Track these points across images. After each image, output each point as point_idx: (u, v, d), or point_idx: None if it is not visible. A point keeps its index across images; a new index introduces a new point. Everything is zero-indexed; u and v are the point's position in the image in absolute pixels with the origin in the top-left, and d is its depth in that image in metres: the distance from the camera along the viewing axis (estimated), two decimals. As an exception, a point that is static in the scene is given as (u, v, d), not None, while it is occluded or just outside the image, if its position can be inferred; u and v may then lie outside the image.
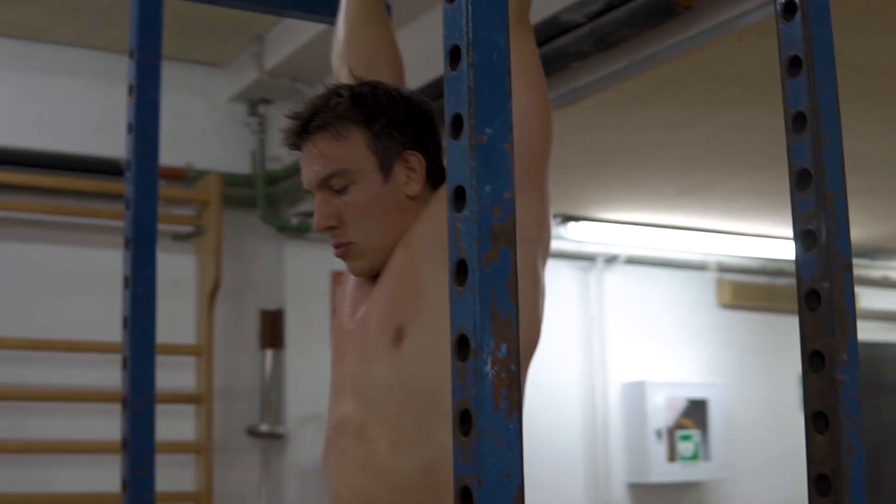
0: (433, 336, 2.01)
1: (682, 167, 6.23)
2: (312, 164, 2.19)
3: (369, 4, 2.60)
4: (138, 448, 2.51)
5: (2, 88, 6.28)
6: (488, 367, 1.22)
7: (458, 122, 1.29)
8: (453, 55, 1.31)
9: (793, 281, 6.99)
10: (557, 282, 7.99)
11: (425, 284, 2.07)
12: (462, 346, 1.25)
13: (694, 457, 8.06)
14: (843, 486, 1.74)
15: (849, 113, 4.86)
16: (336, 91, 2.23)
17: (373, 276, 2.21)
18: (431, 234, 2.07)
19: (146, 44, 2.65)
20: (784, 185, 1.82)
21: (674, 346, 8.45)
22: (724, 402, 8.14)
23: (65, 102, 6.42)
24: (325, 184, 2.17)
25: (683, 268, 8.56)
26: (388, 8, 2.73)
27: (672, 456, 7.99)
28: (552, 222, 2.12)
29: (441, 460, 1.99)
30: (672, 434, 8.01)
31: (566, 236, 7.75)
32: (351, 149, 2.16)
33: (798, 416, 8.38)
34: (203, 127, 6.75)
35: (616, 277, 8.28)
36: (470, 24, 1.30)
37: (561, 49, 4.40)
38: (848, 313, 1.78)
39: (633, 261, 8.31)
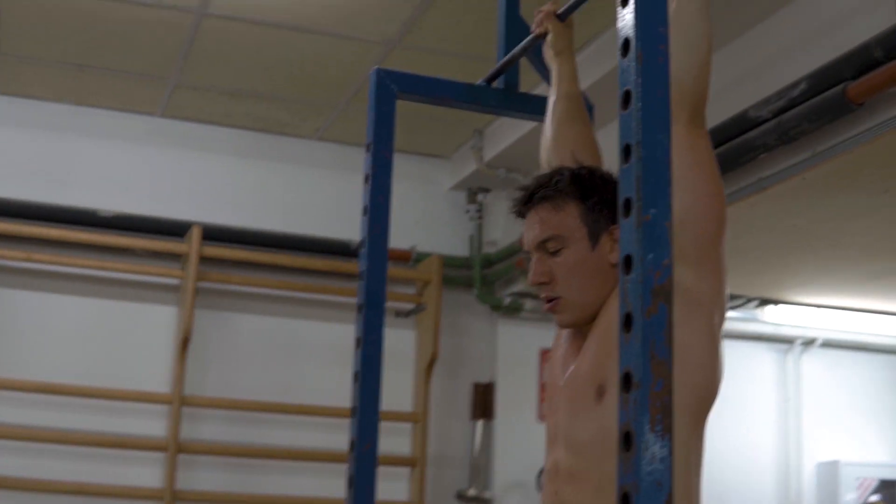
0: None
1: (868, 252, 6.22)
2: (533, 228, 2.47)
3: (573, 106, 2.87)
4: (362, 486, 2.68)
5: (246, 175, 6.74)
6: (646, 398, 1.44)
7: (628, 205, 1.52)
8: (625, 151, 1.54)
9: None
10: (755, 363, 8.08)
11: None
12: (626, 381, 1.46)
13: (887, 534, 7.94)
14: None
15: None
16: (559, 170, 2.51)
17: (579, 338, 2.47)
18: None
19: (381, 139, 2.90)
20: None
21: (868, 428, 8.38)
22: None
23: (303, 190, 6.85)
24: (541, 246, 2.45)
25: (879, 352, 8.50)
26: (590, 109, 2.98)
27: (865, 533, 7.89)
28: (728, 292, 2.38)
29: None
30: (865, 511, 7.92)
31: (764, 319, 7.85)
32: (566, 218, 2.43)
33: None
34: (427, 213, 7.07)
35: (813, 360, 8.28)
36: (640, 127, 1.53)
37: (749, 142, 4.62)
38: None
39: (829, 344, 8.29)
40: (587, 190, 2.45)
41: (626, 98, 1.55)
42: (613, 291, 2.41)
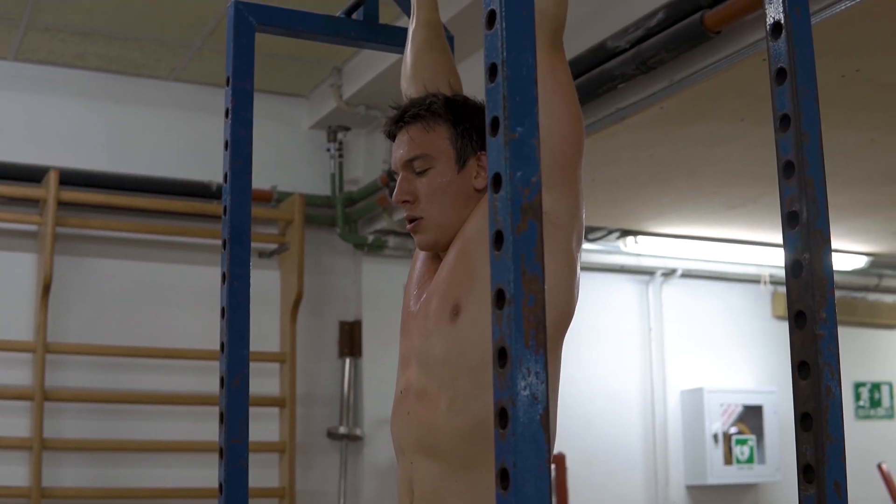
0: (485, 311, 2.25)
1: (727, 181, 6.34)
2: (402, 146, 2.50)
3: (432, 34, 2.85)
4: (233, 421, 2.67)
5: (103, 118, 6.64)
6: (520, 313, 1.44)
7: (495, 123, 1.51)
8: (492, 71, 1.54)
9: (842, 293, 7.17)
10: (618, 294, 8.22)
11: (478, 268, 2.32)
12: (500, 298, 1.46)
13: (749, 460, 8.19)
14: (822, 422, 2.05)
15: (873, 125, 5.10)
16: (435, 94, 2.54)
17: (435, 263, 2.50)
18: (482, 226, 2.34)
19: (240, 73, 2.84)
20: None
21: (730, 356, 8.59)
22: (778, 409, 8.24)
23: (161, 132, 6.76)
24: (408, 164, 2.48)
25: (739, 281, 8.70)
26: (451, 40, 2.97)
27: (728, 459, 8.12)
28: (584, 213, 2.41)
29: (489, 416, 2.18)
30: (728, 438, 8.15)
31: (625, 250, 7.97)
32: (436, 139, 2.46)
33: (851, 422, 8.59)
34: (287, 152, 7.05)
35: (674, 290, 8.46)
36: (504, 46, 1.53)
37: (607, 72, 4.67)
38: (826, 280, 2.05)
39: (689, 274, 8.47)
40: (459, 115, 2.49)
41: (491, 18, 1.54)
42: (469, 216, 2.44)
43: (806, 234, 2.07)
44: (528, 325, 1.46)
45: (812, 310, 2.05)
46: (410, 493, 2.39)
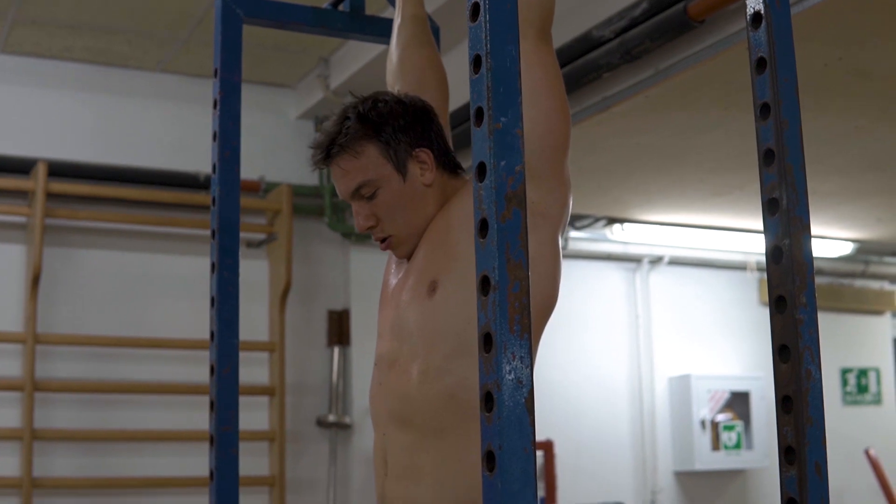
0: (462, 288, 2.27)
1: (712, 168, 6.38)
2: (340, 181, 2.46)
3: (418, 29, 2.85)
4: (224, 409, 2.72)
5: (91, 110, 6.64)
6: (505, 299, 1.47)
7: (479, 113, 1.53)
8: (476, 62, 1.57)
9: (829, 279, 7.21)
10: (605, 282, 8.26)
11: (458, 248, 2.34)
12: (485, 284, 1.48)
13: (737, 446, 8.24)
14: (803, 404, 2.06)
15: (857, 113, 5.13)
16: (345, 115, 2.47)
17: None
18: (466, 211, 2.34)
19: (228, 64, 2.87)
20: (809, 184, 2.10)
21: (717, 343, 8.64)
22: (765, 395, 8.28)
23: (149, 123, 6.77)
24: (356, 194, 2.44)
25: (725, 268, 8.75)
26: (436, 32, 2.98)
27: (716, 445, 8.17)
28: (570, 204, 2.43)
29: (460, 388, 2.25)
30: (716, 425, 8.20)
31: (612, 238, 8.01)
32: (368, 162, 2.42)
33: (838, 408, 8.62)
34: (274, 143, 7.05)
35: (661, 277, 8.49)
36: (488, 37, 1.54)
37: (593, 62, 4.71)
38: (806, 265, 2.06)
39: (676, 261, 8.52)
40: (377, 125, 2.45)
41: (475, 10, 1.57)
42: (450, 201, 2.46)
43: (786, 221, 2.08)
44: (514, 311, 1.49)
45: (792, 294, 2.07)
46: (384, 465, 2.41)
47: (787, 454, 2.10)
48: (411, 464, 2.34)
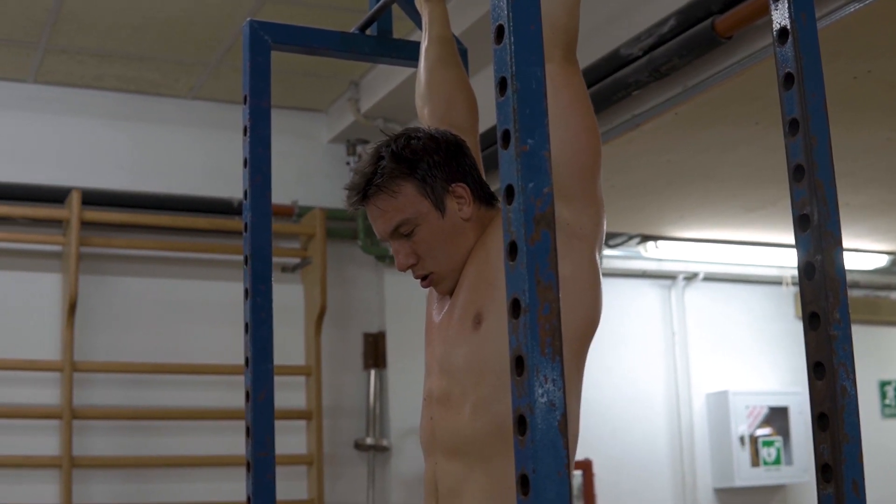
0: (505, 319, 2.27)
1: (744, 184, 6.35)
2: (378, 221, 2.46)
3: (445, 50, 2.87)
4: (260, 435, 2.70)
5: (123, 138, 6.68)
6: (535, 321, 1.45)
7: (506, 136, 1.52)
8: (501, 85, 1.56)
9: (865, 292, 7.15)
10: (641, 300, 8.24)
11: (498, 277, 2.31)
12: (515, 307, 1.47)
13: (776, 461, 8.19)
14: (839, 421, 2.04)
15: (888, 125, 5.11)
16: (378, 155, 2.46)
17: None
18: (500, 239, 2.31)
19: (257, 91, 2.87)
20: (840, 196, 2.09)
21: (754, 358, 8.59)
22: (803, 409, 8.08)
23: (180, 150, 6.81)
24: (395, 233, 2.44)
25: (761, 283, 8.70)
26: (464, 54, 2.99)
27: (755, 461, 8.13)
28: (605, 223, 2.42)
29: (507, 417, 2.18)
30: (755, 440, 8.15)
31: (646, 255, 7.99)
32: (406, 200, 2.42)
33: (878, 421, 8.54)
34: (307, 167, 7.07)
35: (696, 294, 8.46)
36: (513, 59, 1.55)
37: (621, 80, 4.71)
38: (839, 281, 2.04)
39: (711, 277, 8.48)
40: (412, 163, 2.45)
41: (500, 32, 1.56)
42: (485, 233, 2.45)
43: (818, 237, 2.07)
44: (545, 334, 1.48)
45: (825, 311, 2.05)
46: (435, 493, 2.43)
47: (824, 472, 2.07)
48: (460, 489, 2.36)
